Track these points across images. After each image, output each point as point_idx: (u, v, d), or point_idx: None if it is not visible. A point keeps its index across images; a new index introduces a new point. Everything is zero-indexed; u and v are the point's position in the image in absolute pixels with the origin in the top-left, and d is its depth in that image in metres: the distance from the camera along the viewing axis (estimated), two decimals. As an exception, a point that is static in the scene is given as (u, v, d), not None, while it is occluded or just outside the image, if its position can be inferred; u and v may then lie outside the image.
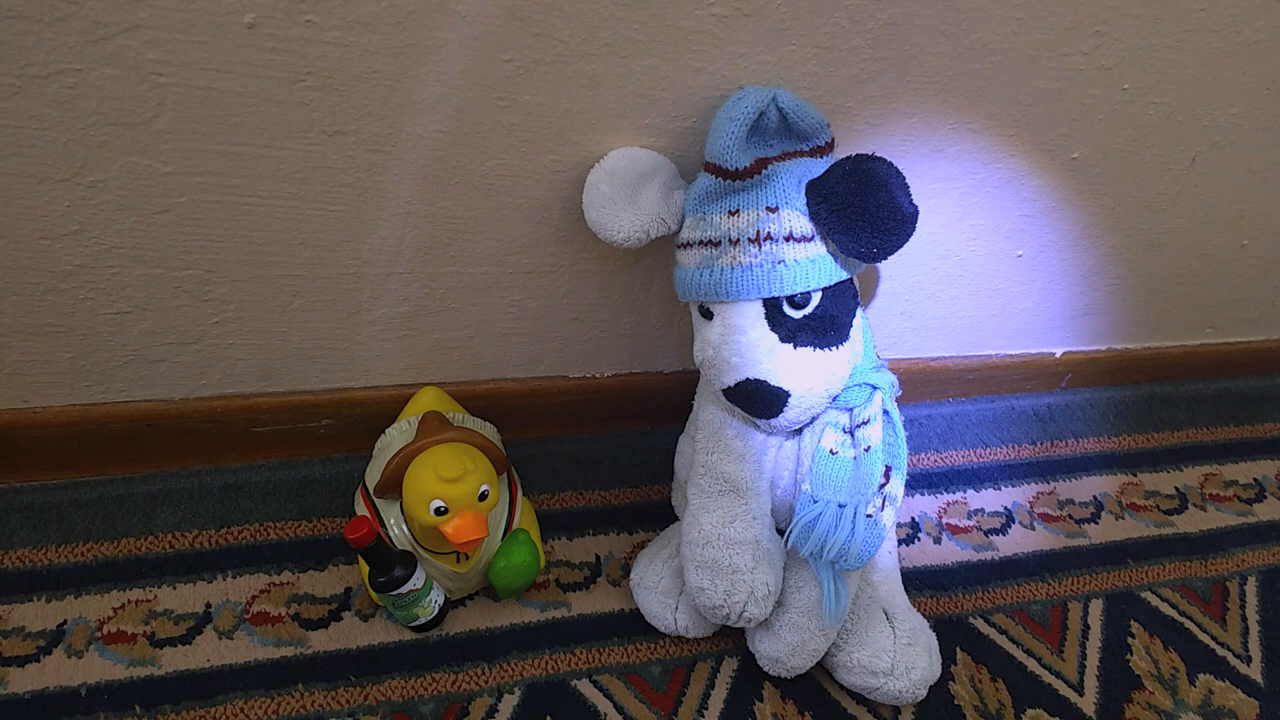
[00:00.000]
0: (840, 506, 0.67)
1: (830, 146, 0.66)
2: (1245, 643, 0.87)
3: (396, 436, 0.77)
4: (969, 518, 0.95)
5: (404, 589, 0.69)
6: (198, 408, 0.80)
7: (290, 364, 0.79)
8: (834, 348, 0.65)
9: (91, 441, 0.80)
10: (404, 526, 0.73)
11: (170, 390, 0.79)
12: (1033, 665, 0.82)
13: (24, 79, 0.54)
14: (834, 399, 0.68)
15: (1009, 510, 0.97)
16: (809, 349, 0.64)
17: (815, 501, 0.68)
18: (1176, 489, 1.03)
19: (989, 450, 1.04)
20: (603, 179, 0.66)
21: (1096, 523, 0.97)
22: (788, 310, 0.63)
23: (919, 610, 0.79)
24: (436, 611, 0.75)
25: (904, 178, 0.61)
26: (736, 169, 0.61)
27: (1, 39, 0.52)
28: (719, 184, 0.63)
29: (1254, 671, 0.84)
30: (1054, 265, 0.94)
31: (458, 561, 0.73)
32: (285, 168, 0.63)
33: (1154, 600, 0.89)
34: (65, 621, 0.73)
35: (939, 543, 0.92)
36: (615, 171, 0.66)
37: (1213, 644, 0.86)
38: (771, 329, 0.64)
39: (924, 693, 0.74)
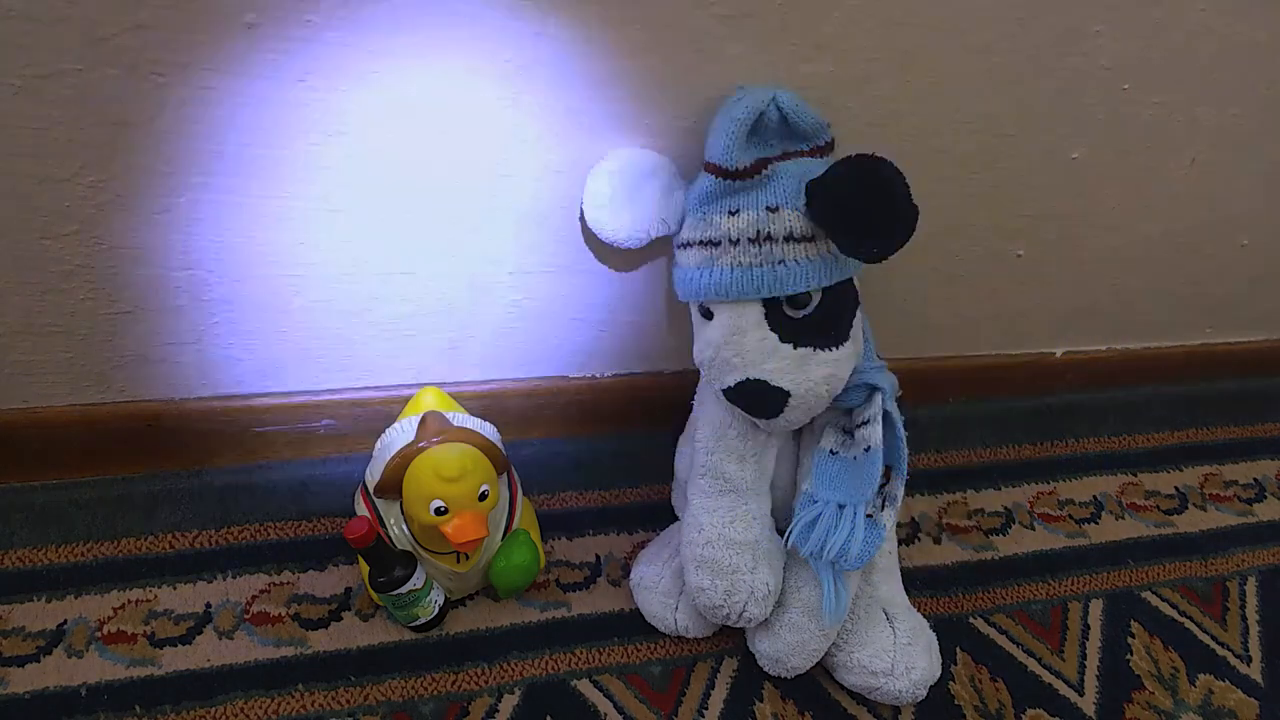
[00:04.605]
0: (840, 506, 0.67)
1: (830, 147, 0.66)
2: (1245, 643, 0.87)
3: (396, 436, 0.77)
4: (969, 518, 0.95)
5: (404, 589, 0.69)
6: (198, 408, 0.80)
7: (290, 364, 0.79)
8: (834, 348, 0.65)
9: (91, 441, 0.80)
10: (404, 526, 0.73)
11: (170, 390, 0.79)
12: (1033, 665, 0.82)
13: (24, 79, 0.54)
14: (834, 399, 0.68)
15: (1009, 510, 0.97)
16: (809, 349, 0.64)
17: (815, 501, 0.68)
18: (1176, 489, 1.03)
19: (989, 450, 1.04)
20: (603, 179, 0.66)
21: (1096, 523, 0.97)
22: (788, 310, 0.63)
23: (919, 610, 0.79)
24: (436, 611, 0.75)
25: (904, 178, 0.60)
26: (737, 169, 0.61)
27: (2, 39, 0.52)
28: (719, 184, 0.62)
29: (1254, 671, 0.84)
30: (1054, 265, 0.94)
31: (458, 561, 0.73)
32: (285, 168, 0.63)
33: (1154, 600, 0.89)
34: (65, 621, 0.73)
35: (939, 543, 0.92)
36: (615, 171, 0.66)
37: (1213, 644, 0.86)
38: (772, 329, 0.64)
39: (924, 693, 0.74)
